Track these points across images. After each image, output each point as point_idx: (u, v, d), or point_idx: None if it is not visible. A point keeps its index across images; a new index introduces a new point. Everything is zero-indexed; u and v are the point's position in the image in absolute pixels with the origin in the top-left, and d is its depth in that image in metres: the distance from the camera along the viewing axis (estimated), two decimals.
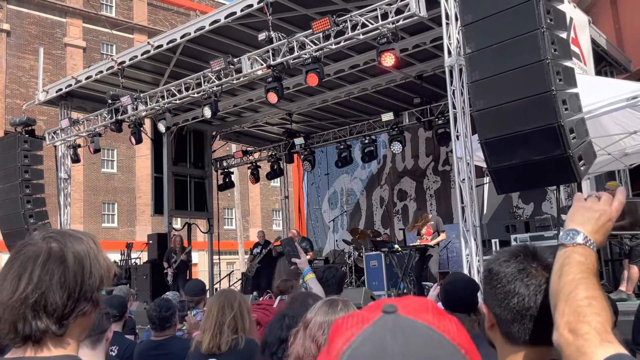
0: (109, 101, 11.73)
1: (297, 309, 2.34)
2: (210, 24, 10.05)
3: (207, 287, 6.92)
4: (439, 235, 10.00)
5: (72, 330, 1.17)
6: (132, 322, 5.57)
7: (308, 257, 11.94)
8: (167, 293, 6.23)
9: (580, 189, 8.86)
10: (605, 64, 11.67)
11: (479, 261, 7.12)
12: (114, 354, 3.93)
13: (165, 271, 12.50)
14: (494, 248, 7.81)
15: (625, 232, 7.30)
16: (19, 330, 1.12)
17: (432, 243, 9.76)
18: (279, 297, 4.19)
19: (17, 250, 1.19)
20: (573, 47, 8.41)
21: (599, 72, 10.87)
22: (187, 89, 11.07)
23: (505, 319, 1.33)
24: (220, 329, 3.27)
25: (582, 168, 6.25)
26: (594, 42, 10.00)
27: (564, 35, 6.65)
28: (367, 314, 0.74)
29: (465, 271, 6.97)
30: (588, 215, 1.23)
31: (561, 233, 1.24)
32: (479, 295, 2.62)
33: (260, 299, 9.08)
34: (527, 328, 1.30)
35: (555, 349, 1.13)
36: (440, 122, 11.89)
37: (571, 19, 8.52)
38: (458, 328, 0.74)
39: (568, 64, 6.51)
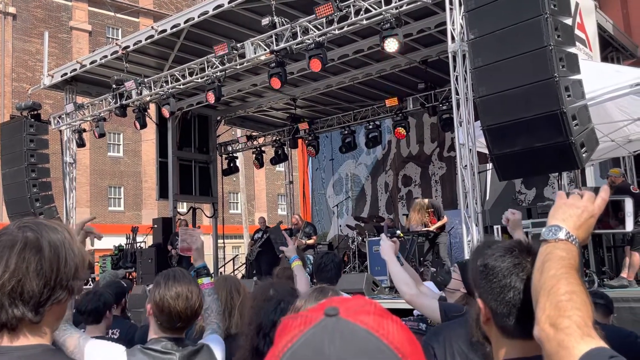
0: (114, 86, 11.76)
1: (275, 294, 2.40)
2: (214, 9, 10.03)
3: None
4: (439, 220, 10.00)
5: (48, 318, 1.18)
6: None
7: (312, 241, 12.03)
8: None
9: (583, 176, 8.84)
10: (612, 49, 11.56)
11: None
12: (115, 337, 3.99)
13: (170, 254, 12.63)
14: (495, 234, 7.82)
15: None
16: None
17: (432, 228, 9.78)
18: None
19: None
20: (578, 33, 8.33)
21: (605, 58, 10.77)
22: (191, 74, 11.09)
23: (501, 312, 1.35)
24: (231, 312, 3.30)
25: (584, 155, 6.26)
26: (600, 28, 9.90)
27: (568, 21, 6.61)
28: (311, 315, 0.73)
29: (467, 257, 6.99)
30: (570, 212, 1.24)
31: (543, 229, 1.24)
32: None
33: None
34: (522, 321, 1.31)
35: None
36: (444, 107, 11.82)
37: (577, 4, 8.43)
38: (399, 331, 0.73)
39: (572, 50, 6.48)
